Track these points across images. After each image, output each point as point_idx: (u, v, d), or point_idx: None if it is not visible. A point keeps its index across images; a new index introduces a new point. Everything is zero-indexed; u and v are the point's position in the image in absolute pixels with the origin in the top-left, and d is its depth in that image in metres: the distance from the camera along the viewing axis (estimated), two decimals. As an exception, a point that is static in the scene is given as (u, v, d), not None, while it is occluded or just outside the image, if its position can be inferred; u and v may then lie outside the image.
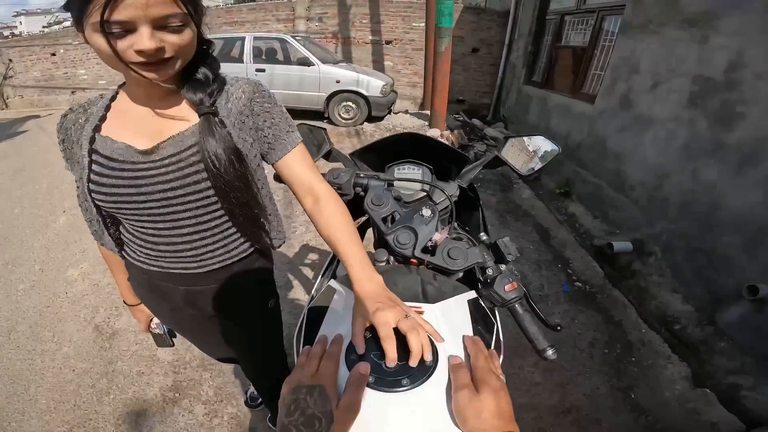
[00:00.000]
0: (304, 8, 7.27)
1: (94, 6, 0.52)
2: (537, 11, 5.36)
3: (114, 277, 0.95)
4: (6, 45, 8.93)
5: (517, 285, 0.75)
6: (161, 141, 0.69)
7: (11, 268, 2.53)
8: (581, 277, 2.50)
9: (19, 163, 4.68)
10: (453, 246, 0.74)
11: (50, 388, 1.71)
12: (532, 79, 5.61)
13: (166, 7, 0.55)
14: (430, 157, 1.04)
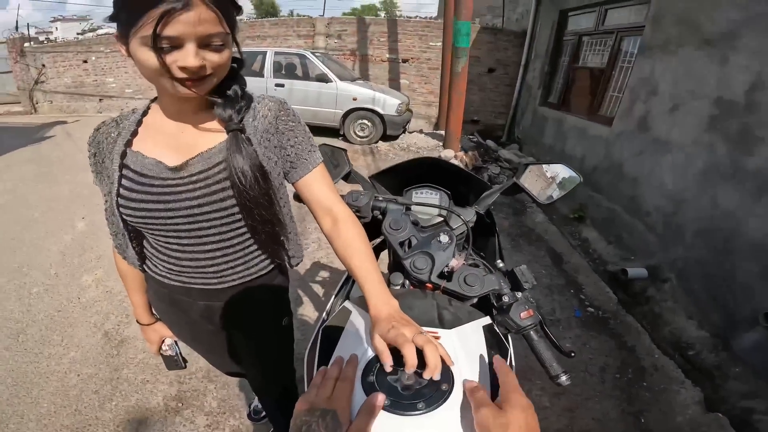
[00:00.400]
0: (324, 25, 7.48)
1: (146, 20, 0.54)
2: (554, 32, 5.37)
3: (130, 296, 0.96)
4: (41, 50, 9.23)
5: (533, 312, 0.75)
6: (190, 157, 0.70)
7: (26, 271, 2.57)
8: (594, 302, 2.46)
9: (43, 167, 4.83)
10: (470, 273, 0.75)
11: (53, 392, 1.71)
12: (548, 100, 5.60)
13: (212, 26, 0.57)
14: (448, 182, 1.05)
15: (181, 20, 0.54)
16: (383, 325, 0.57)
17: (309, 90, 5.97)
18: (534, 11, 6.00)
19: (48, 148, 5.78)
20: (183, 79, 0.59)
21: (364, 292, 0.65)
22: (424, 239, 0.83)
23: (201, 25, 0.56)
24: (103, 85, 9.16)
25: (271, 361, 1.04)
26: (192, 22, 0.55)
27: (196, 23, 0.55)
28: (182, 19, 0.54)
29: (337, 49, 7.50)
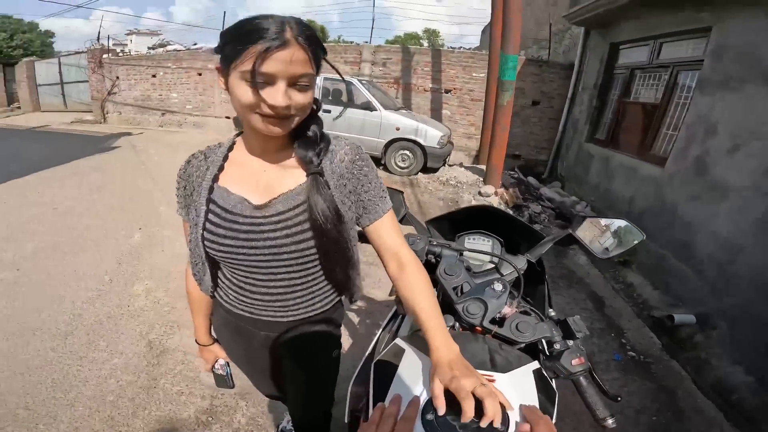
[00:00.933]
0: (371, 52, 7.74)
1: (246, 56, 0.59)
2: (604, 65, 5.24)
3: (194, 317, 1.01)
4: (117, 62, 10.04)
5: (584, 360, 0.78)
6: (273, 197, 0.74)
7: (81, 277, 2.75)
8: (635, 346, 2.44)
9: (107, 177, 5.24)
10: (522, 320, 0.80)
11: (90, 396, 1.77)
12: (595, 137, 5.42)
13: (303, 67, 0.62)
14: (500, 229, 1.09)
15: (277, 58, 0.59)
16: (446, 372, 0.59)
17: (354, 117, 6.04)
18: (582, 44, 5.92)
19: (113, 159, 6.30)
20: (269, 116, 0.64)
21: (427, 334, 0.68)
22: (477, 286, 0.87)
23: (293, 64, 0.60)
24: (167, 99, 9.80)
25: (316, 389, 1.08)
26: (286, 61, 0.60)
27: (289, 62, 0.60)
28: (278, 57, 0.59)
29: (381, 76, 7.70)
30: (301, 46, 0.61)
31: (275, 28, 0.59)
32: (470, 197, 4.96)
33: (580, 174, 5.43)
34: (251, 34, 0.60)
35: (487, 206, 1.09)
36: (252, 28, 0.60)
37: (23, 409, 1.69)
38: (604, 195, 4.58)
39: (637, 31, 4.47)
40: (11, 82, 15.01)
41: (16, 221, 3.62)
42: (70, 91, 12.74)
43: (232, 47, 0.62)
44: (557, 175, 6.36)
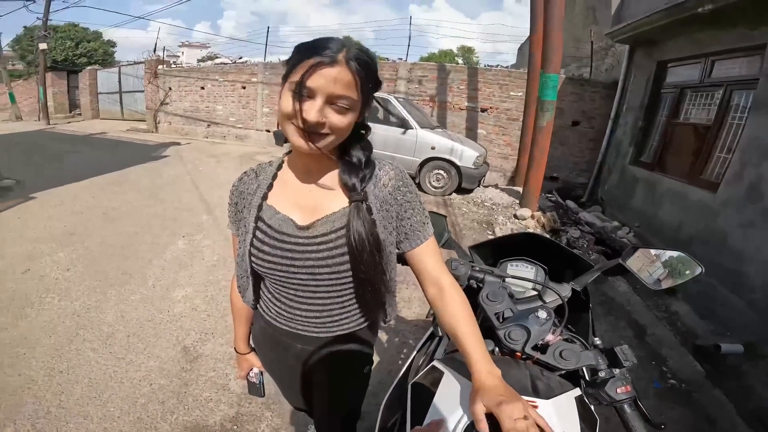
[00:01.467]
0: (406, 70, 7.84)
1: (299, 68, 0.63)
2: (651, 83, 5.02)
3: (235, 326, 1.05)
4: (170, 73, 10.72)
5: (630, 388, 0.77)
6: (316, 219, 0.77)
7: (128, 279, 2.91)
8: (677, 374, 2.39)
9: (156, 184, 5.58)
10: (566, 348, 0.80)
11: (123, 397, 1.83)
12: (641, 159, 5.17)
13: (345, 89, 0.64)
14: (544, 256, 1.08)
15: (322, 74, 0.62)
16: (491, 396, 0.59)
17: (389, 135, 5.96)
18: (627, 62, 5.71)
19: (162, 167, 6.70)
20: (301, 129, 0.66)
21: (469, 359, 0.67)
22: (520, 313, 0.87)
23: (336, 83, 0.63)
24: (213, 111, 10.33)
25: (344, 403, 1.09)
26: (329, 79, 0.62)
27: (333, 81, 0.62)
28: (323, 73, 0.62)
29: (416, 94, 7.75)
30: (350, 69, 0.63)
31: (332, 48, 0.63)
32: (505, 220, 4.84)
33: (623, 198, 5.18)
34: (311, 49, 0.64)
35: (531, 233, 1.10)
36: (315, 44, 0.65)
37: (56, 407, 1.76)
38: (650, 221, 4.35)
39: (686, 48, 4.28)
40: (74, 89, 16.17)
41: (70, 224, 3.90)
42: (127, 100, 13.70)
43: (293, 60, 0.66)
44: (598, 198, 6.09)
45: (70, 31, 18.21)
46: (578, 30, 8.23)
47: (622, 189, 5.29)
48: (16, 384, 1.88)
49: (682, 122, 4.45)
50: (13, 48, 19.59)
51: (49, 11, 13.52)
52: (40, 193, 4.79)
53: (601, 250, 4.15)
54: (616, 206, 5.34)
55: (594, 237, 4.46)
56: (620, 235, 4.44)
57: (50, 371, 1.97)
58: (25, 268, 2.95)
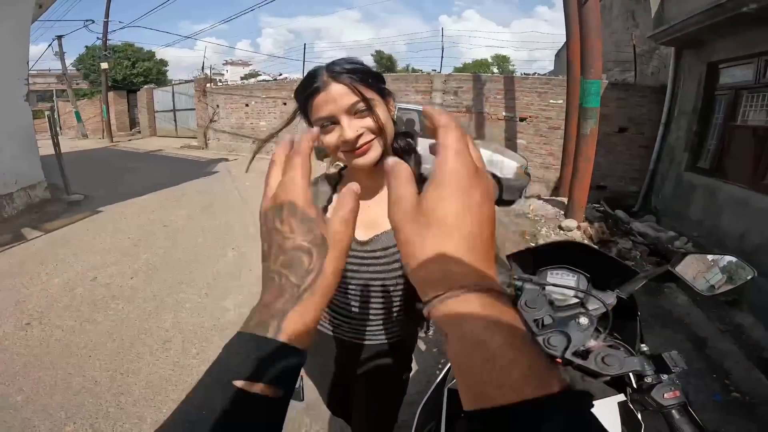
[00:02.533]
0: (441, 81, 7.83)
1: (309, 109, 0.71)
2: (703, 86, 4.74)
3: None
4: (217, 91, 11.33)
5: (679, 393, 0.75)
6: (376, 234, 0.81)
7: (184, 288, 3.11)
8: (740, 387, 2.27)
9: (208, 199, 5.94)
10: (609, 353, 0.77)
11: (176, 400, 1.88)
12: (697, 165, 4.85)
13: (348, 97, 0.69)
14: (587, 264, 1.06)
15: (324, 101, 0.68)
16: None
17: (426, 148, 6.11)
18: (674, 65, 5.40)
19: (213, 182, 7.14)
20: (349, 151, 0.71)
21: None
22: (560, 320, 0.86)
23: (339, 99, 0.68)
24: (257, 128, 10.75)
25: (382, 408, 1.11)
26: (331, 100, 0.68)
27: (337, 98, 0.68)
28: (324, 99, 0.68)
29: (452, 105, 7.69)
30: (339, 81, 0.69)
31: (317, 77, 0.70)
32: (549, 231, 4.68)
33: (680, 207, 4.87)
34: (304, 91, 0.72)
35: (572, 241, 1.08)
36: (305, 84, 0.72)
37: (115, 408, 1.89)
38: (710, 230, 4.06)
39: (737, 48, 4.02)
40: (134, 108, 17.21)
41: (134, 235, 4.24)
42: (180, 118, 14.42)
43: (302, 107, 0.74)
44: (651, 208, 5.73)
45: (126, 51, 18.96)
46: (618, 34, 7.90)
47: (679, 197, 4.98)
48: (79, 385, 2.03)
49: (740, 125, 4.17)
50: (76, 67, 20.54)
51: (107, 31, 14.70)
52: (106, 207, 5.26)
53: (655, 261, 3.91)
54: (672, 215, 5.01)
55: (648, 248, 4.20)
56: (677, 246, 4.18)
57: (112, 373, 2.12)
58: (93, 276, 3.24)
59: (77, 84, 20.50)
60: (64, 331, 2.49)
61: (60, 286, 3.07)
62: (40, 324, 2.57)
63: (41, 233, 4.27)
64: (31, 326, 2.55)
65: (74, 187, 5.75)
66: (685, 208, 4.70)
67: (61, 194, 5.60)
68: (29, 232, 4.25)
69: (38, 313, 2.69)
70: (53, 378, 2.08)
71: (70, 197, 5.57)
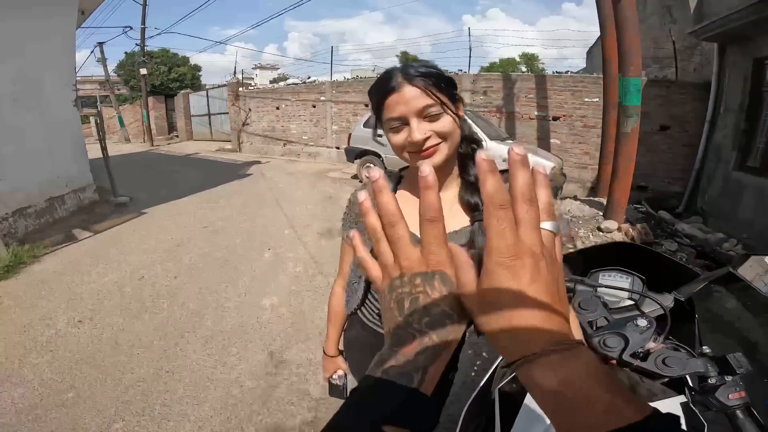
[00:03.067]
0: (470, 82, 7.72)
1: (381, 108, 0.74)
2: (749, 82, 4.51)
3: (329, 328, 1.11)
4: (249, 95, 11.59)
5: (744, 394, 0.74)
6: None
7: (225, 287, 3.23)
8: None
9: (243, 200, 6.13)
10: (670, 355, 0.77)
11: (217, 398, 1.98)
12: (747, 164, 4.60)
13: (421, 100, 0.70)
14: (640, 265, 1.04)
15: (397, 101, 0.70)
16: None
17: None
18: (718, 61, 5.15)
19: (248, 184, 7.37)
20: (415, 152, 0.73)
21: None
22: (616, 321, 0.85)
23: (411, 101, 0.70)
24: (287, 130, 10.99)
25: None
26: (403, 101, 0.70)
27: (409, 100, 0.70)
28: (397, 100, 0.70)
29: (482, 105, 7.59)
30: (412, 84, 0.70)
31: (393, 77, 0.72)
32: (587, 233, 4.53)
33: (728, 207, 4.63)
34: (378, 91, 0.74)
35: (623, 242, 1.06)
36: (380, 83, 0.74)
37: (160, 405, 1.94)
38: (762, 231, 3.86)
39: None
40: (172, 112, 17.84)
41: (177, 236, 4.45)
42: (215, 122, 14.96)
43: (373, 104, 0.77)
44: (698, 209, 5.47)
45: (163, 57, 19.37)
46: (654, 30, 7.54)
47: (727, 197, 4.74)
48: (128, 383, 2.10)
49: (790, 122, 3.90)
50: (117, 73, 20.96)
51: (145, 37, 15.33)
52: (150, 209, 5.54)
53: (704, 264, 3.73)
54: (721, 216, 4.77)
55: (695, 250, 4.01)
56: (726, 248, 3.96)
57: (158, 371, 2.20)
58: (141, 276, 3.43)
59: (119, 90, 21.42)
60: (114, 329, 2.60)
61: (110, 285, 3.25)
62: (91, 321, 2.69)
63: (91, 234, 4.54)
64: (83, 323, 2.67)
65: (120, 190, 6.08)
66: (734, 209, 4.48)
67: (108, 196, 5.94)
68: (80, 233, 4.54)
69: (90, 311, 2.82)
70: (103, 375, 2.16)
71: (117, 199, 5.90)
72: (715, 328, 2.87)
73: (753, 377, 2.21)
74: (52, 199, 4.93)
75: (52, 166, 4.95)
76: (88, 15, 7.16)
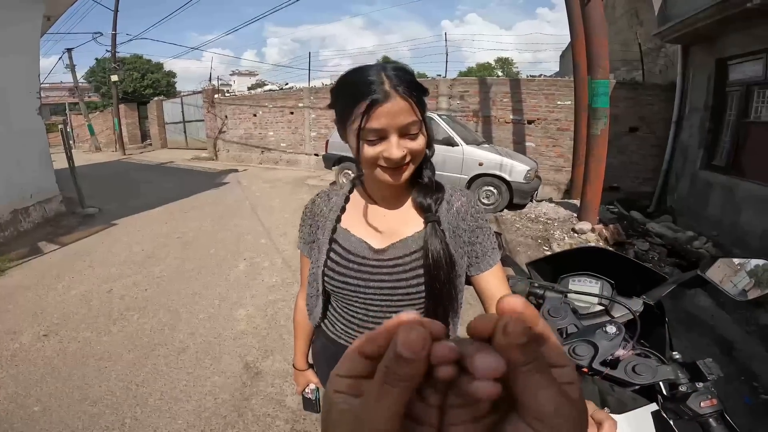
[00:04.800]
0: (447, 86, 7.81)
1: (355, 113, 0.64)
2: (713, 83, 4.69)
3: (296, 342, 1.08)
4: (225, 102, 11.37)
5: (716, 401, 0.73)
6: (392, 242, 0.79)
7: (197, 299, 3.13)
8: None
9: (219, 209, 5.99)
10: (640, 362, 0.76)
11: (190, 410, 1.93)
12: (713, 163, 4.77)
13: (408, 116, 0.65)
14: (609, 269, 1.04)
15: (382, 113, 0.63)
16: None
17: (435, 154, 5.96)
18: (682, 62, 5.36)
19: (224, 193, 7.21)
20: (387, 168, 0.69)
21: None
22: (585, 328, 0.84)
23: (400, 115, 0.64)
24: (265, 138, 10.83)
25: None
26: (392, 114, 0.63)
27: (396, 114, 0.63)
28: (382, 111, 0.62)
29: (459, 110, 7.68)
30: (402, 96, 0.63)
31: (376, 81, 0.63)
32: (563, 234, 4.60)
33: (697, 206, 4.79)
34: (354, 91, 0.65)
35: (593, 247, 1.06)
36: (354, 84, 0.66)
37: (131, 419, 1.89)
38: (729, 229, 3.99)
39: (746, 43, 3.98)
40: (144, 120, 17.34)
41: (148, 248, 4.30)
42: (190, 129, 14.60)
43: (342, 105, 0.68)
44: (667, 208, 5.64)
45: (135, 63, 18.80)
46: (623, 32, 7.84)
47: (695, 196, 4.90)
48: (96, 396, 2.05)
49: (754, 121, 4.11)
50: (87, 80, 20.29)
51: (116, 44, 14.89)
52: (120, 220, 5.35)
53: (674, 262, 3.83)
54: (690, 215, 4.94)
55: (666, 249, 4.13)
56: (696, 246, 4.10)
57: (128, 384, 2.13)
58: (109, 288, 3.28)
59: (89, 97, 20.77)
60: (81, 343, 2.52)
61: (76, 299, 3.12)
62: (57, 335, 2.61)
63: (57, 246, 4.36)
64: (48, 338, 2.59)
65: (89, 201, 5.87)
66: (702, 207, 4.62)
67: (75, 207, 5.72)
68: (46, 246, 4.34)
69: (55, 325, 2.73)
70: (70, 389, 2.10)
71: (85, 210, 5.68)
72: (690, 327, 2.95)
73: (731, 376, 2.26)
74: (16, 212, 4.73)
75: (15, 176, 4.74)
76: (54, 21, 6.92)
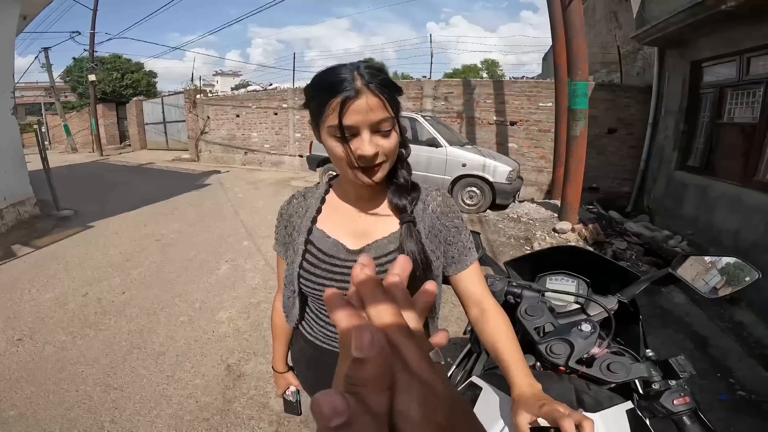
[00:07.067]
0: (431, 88, 7.86)
1: (327, 110, 0.63)
2: (687, 85, 4.83)
3: (274, 345, 1.07)
4: (207, 102, 11.15)
5: (689, 399, 0.75)
6: (367, 243, 0.78)
7: (177, 302, 3.06)
8: (746, 386, 2.27)
9: (201, 212, 5.88)
10: (614, 360, 0.78)
11: (171, 414, 1.91)
12: (687, 164, 4.92)
13: (380, 112, 0.64)
14: (586, 268, 1.06)
15: (354, 110, 0.62)
16: (532, 404, 0.60)
17: (419, 155, 5.82)
18: (658, 64, 5.52)
19: (205, 196, 7.07)
20: (361, 167, 0.67)
21: (508, 372, 0.69)
22: (561, 326, 0.85)
23: (370, 112, 0.63)
24: (248, 139, 10.66)
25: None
26: (362, 111, 0.62)
27: (368, 110, 0.62)
28: (354, 108, 0.62)
29: (443, 111, 7.73)
30: (374, 92, 0.63)
31: (348, 78, 0.63)
32: (544, 234, 4.69)
33: (672, 206, 4.92)
34: (327, 89, 0.64)
35: (570, 246, 1.08)
36: (326, 82, 0.65)
37: (109, 422, 1.87)
38: (704, 228, 4.11)
39: (719, 46, 4.12)
40: (123, 120, 16.87)
41: (126, 250, 4.19)
42: (171, 130, 14.23)
43: (315, 104, 0.68)
44: (644, 208, 5.79)
45: (115, 63, 18.25)
46: (603, 35, 8.05)
47: (671, 196, 5.03)
48: (73, 400, 2.00)
49: (727, 123, 4.25)
50: (64, 79, 19.61)
51: (94, 43, 14.49)
52: (97, 222, 5.19)
53: (651, 261, 3.94)
54: (666, 214, 5.07)
55: (643, 248, 4.24)
56: (672, 245, 4.23)
57: (106, 388, 2.09)
58: (85, 292, 3.18)
59: (65, 96, 20.14)
60: (56, 347, 2.45)
61: (51, 302, 3.02)
62: (31, 340, 2.54)
63: (32, 249, 4.21)
64: (22, 342, 2.52)
65: (64, 203, 5.69)
66: (678, 207, 4.75)
67: (50, 210, 5.53)
68: (19, 249, 4.19)
69: (29, 329, 2.65)
70: (46, 393, 2.06)
71: (60, 213, 5.50)
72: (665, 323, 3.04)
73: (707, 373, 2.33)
74: (-14, 214, 4.53)
75: (-14, 178, 4.56)
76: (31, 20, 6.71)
